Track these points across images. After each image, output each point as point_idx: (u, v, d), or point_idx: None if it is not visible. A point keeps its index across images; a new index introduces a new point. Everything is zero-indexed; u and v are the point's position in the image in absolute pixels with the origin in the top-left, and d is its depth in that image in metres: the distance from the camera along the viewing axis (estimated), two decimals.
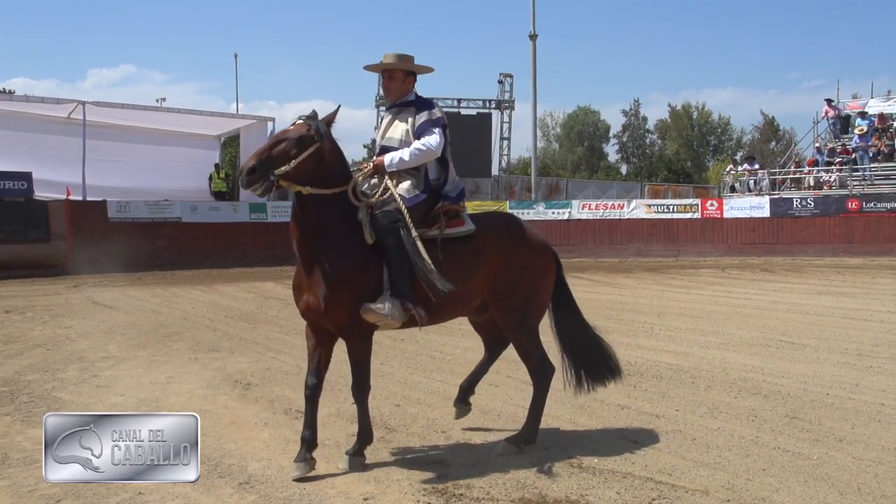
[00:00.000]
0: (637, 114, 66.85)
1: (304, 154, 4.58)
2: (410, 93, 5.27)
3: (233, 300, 14.39)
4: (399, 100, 5.26)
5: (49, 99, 23.91)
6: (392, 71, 5.21)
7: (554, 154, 67.18)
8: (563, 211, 27.24)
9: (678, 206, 27.10)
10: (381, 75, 5.31)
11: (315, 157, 4.65)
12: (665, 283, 17.38)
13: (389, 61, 5.18)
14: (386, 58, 5.21)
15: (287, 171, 4.52)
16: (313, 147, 4.64)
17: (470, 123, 31.21)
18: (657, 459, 4.77)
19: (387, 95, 5.36)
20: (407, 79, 5.23)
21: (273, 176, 4.50)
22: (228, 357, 8.38)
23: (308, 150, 4.61)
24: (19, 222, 19.84)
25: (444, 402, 6.25)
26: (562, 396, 6.41)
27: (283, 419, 5.81)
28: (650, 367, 7.56)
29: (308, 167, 4.61)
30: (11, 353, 8.77)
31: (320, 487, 4.35)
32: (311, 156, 4.62)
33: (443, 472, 4.58)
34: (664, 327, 10.22)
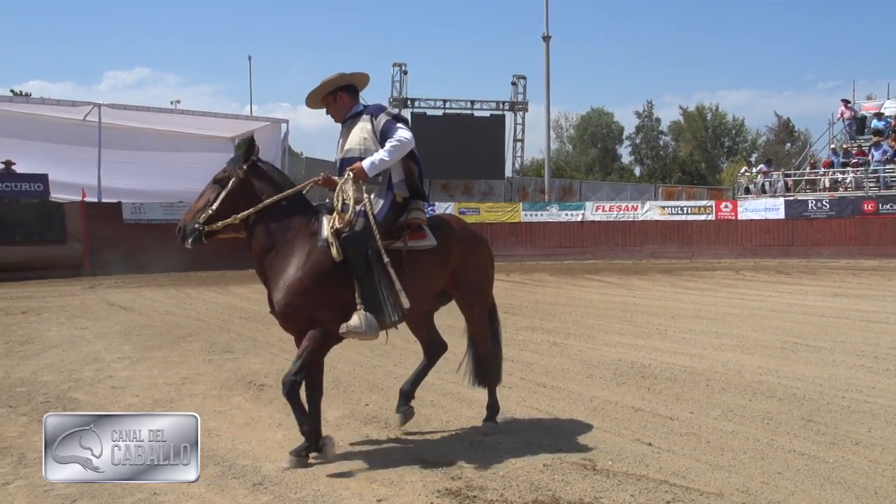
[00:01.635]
0: (651, 115, 66.77)
1: (222, 194, 5.04)
2: (357, 105, 5.39)
3: (247, 301, 14.43)
4: (348, 114, 5.38)
5: (65, 101, 24.07)
6: (335, 95, 5.34)
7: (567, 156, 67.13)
8: (577, 213, 27.19)
9: (692, 208, 27.02)
10: (326, 107, 5.44)
11: (237, 191, 5.06)
12: (679, 285, 17.32)
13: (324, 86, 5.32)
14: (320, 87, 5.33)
15: (210, 215, 5.02)
16: (230, 184, 5.07)
17: (483, 125, 31.26)
18: (672, 462, 4.75)
19: (337, 118, 5.46)
20: (351, 95, 5.38)
21: (199, 225, 5.02)
22: (242, 358, 8.41)
23: (226, 189, 5.05)
24: (35, 224, 19.97)
25: (457, 403, 6.26)
26: (575, 398, 6.42)
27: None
28: (664, 370, 7.54)
29: (232, 202, 5.04)
30: (28, 353, 8.82)
31: (334, 489, 4.36)
32: (231, 192, 5.05)
33: (456, 473, 4.58)
34: (678, 329, 10.19)
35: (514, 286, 17.58)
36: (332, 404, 6.26)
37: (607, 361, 7.99)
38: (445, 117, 31.16)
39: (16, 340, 9.71)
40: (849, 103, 28.95)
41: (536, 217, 27.11)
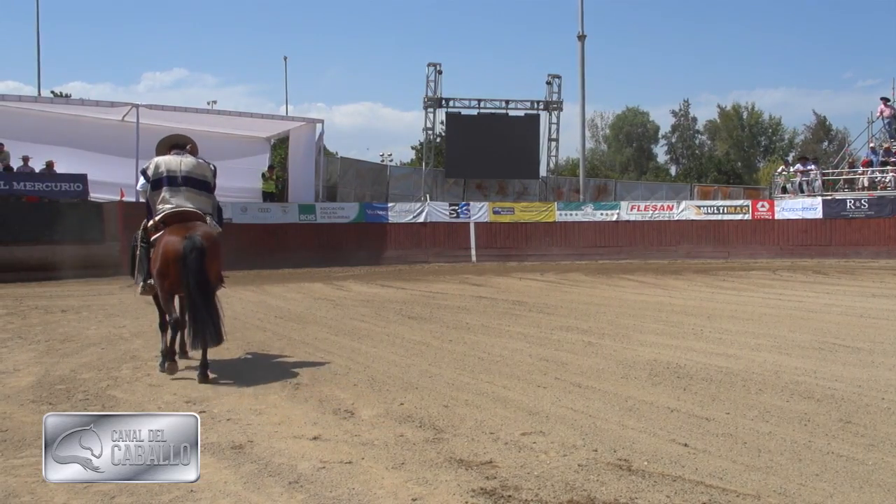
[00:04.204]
0: (686, 114, 66.24)
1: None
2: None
3: (282, 300, 14.55)
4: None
5: (104, 102, 24.40)
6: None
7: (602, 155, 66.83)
8: (612, 212, 27.08)
9: (728, 208, 26.79)
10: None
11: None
12: (715, 284, 17.17)
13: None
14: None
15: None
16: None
17: (518, 125, 31.21)
18: (708, 463, 4.72)
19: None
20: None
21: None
22: (278, 357, 8.47)
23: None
24: (75, 223, 20.23)
25: (492, 403, 6.26)
26: (610, 398, 6.39)
27: (332, 419, 5.85)
28: (700, 370, 7.48)
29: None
30: (67, 351, 8.96)
31: (369, 487, 4.38)
32: None
33: (491, 473, 4.58)
34: (714, 329, 10.10)
35: (548, 286, 17.55)
36: (367, 403, 6.30)
37: (643, 361, 7.95)
38: (480, 117, 31.13)
39: (56, 338, 9.86)
40: (888, 101, 28.49)
41: (571, 217, 27.03)
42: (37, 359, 8.49)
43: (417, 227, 26.28)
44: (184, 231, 7.34)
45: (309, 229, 24.93)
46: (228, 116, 26.64)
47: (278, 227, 24.45)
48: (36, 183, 21.18)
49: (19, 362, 8.29)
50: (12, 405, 6.40)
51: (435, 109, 31.31)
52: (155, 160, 7.75)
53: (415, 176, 32.65)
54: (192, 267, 7.14)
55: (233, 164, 27.10)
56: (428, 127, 31.98)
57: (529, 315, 11.95)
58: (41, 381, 7.32)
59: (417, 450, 5.00)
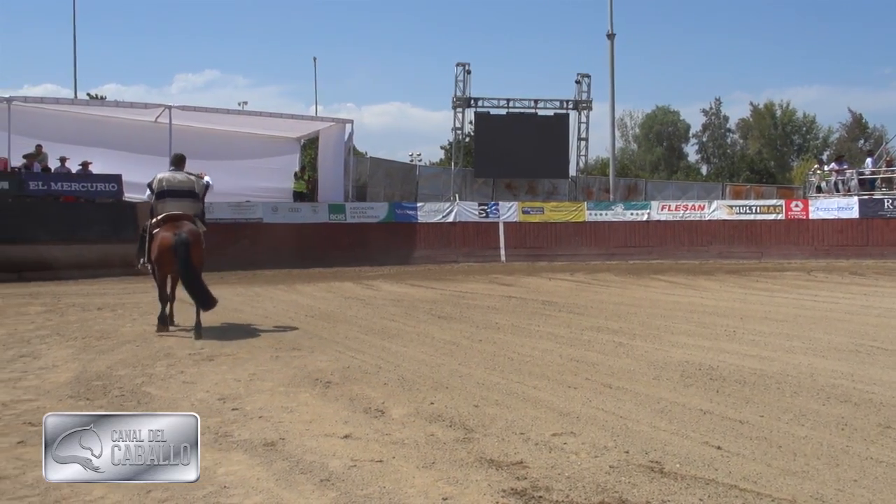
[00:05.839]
0: (718, 113, 65.60)
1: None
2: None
3: (312, 299, 14.61)
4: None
5: (137, 104, 24.71)
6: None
7: (632, 154, 66.38)
8: (642, 212, 26.90)
9: (761, 207, 26.51)
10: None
11: None
12: (748, 285, 17.00)
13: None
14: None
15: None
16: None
17: (547, 124, 31.10)
18: (742, 466, 4.66)
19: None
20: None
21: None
22: (309, 356, 8.50)
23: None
24: (110, 223, 20.49)
25: (522, 403, 6.23)
26: (642, 400, 6.34)
27: (362, 418, 5.85)
28: (733, 372, 7.40)
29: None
30: (104, 348, 9.06)
31: (399, 486, 4.37)
32: None
33: (522, 473, 4.56)
34: (747, 331, 9.99)
35: (578, 286, 17.47)
36: (398, 402, 6.30)
37: (674, 363, 7.88)
38: (509, 116, 31.07)
39: (92, 335, 9.99)
40: None
41: (601, 216, 26.89)
42: (74, 355, 8.60)
43: (447, 227, 26.27)
44: (174, 229, 9.84)
45: (339, 229, 25.02)
46: (259, 117, 26.84)
47: (308, 227, 24.55)
48: (72, 183, 21.50)
49: (58, 358, 8.41)
50: (51, 400, 6.49)
51: (464, 109, 31.26)
52: (157, 176, 10.40)
53: (444, 176, 32.65)
54: (180, 255, 9.63)
55: (263, 164, 27.36)
56: (457, 127, 31.98)
57: (559, 315, 11.90)
58: (79, 377, 7.41)
59: (448, 449, 4.99)
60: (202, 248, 10.24)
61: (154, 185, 10.33)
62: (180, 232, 9.74)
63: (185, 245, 9.64)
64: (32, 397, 6.63)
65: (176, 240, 9.66)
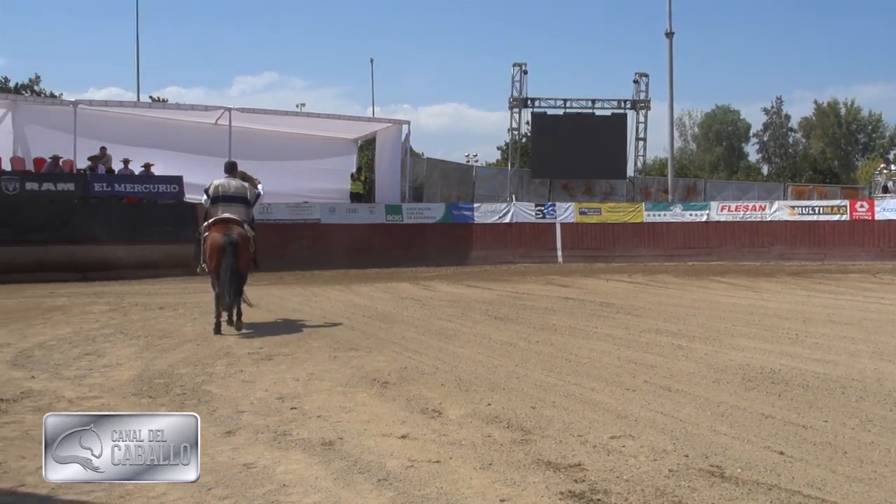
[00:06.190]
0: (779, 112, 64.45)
1: None
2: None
3: (369, 300, 14.71)
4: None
5: (198, 106, 25.14)
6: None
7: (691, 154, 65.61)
8: (702, 213, 26.57)
9: (824, 208, 25.98)
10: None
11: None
12: (810, 287, 16.66)
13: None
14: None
15: None
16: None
17: (604, 124, 30.84)
18: (805, 472, 4.56)
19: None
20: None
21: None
22: (366, 356, 8.56)
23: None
24: (171, 224, 20.86)
25: (580, 405, 6.20)
26: (701, 403, 6.25)
27: (420, 418, 5.88)
28: (796, 376, 7.26)
29: None
30: (166, 347, 9.25)
31: (457, 487, 4.38)
32: None
33: (580, 476, 4.53)
34: (810, 334, 9.79)
35: (636, 287, 17.30)
36: (455, 403, 6.31)
37: (735, 366, 7.76)
38: (566, 117, 30.88)
39: (154, 334, 10.19)
40: None
41: (659, 217, 26.62)
42: (137, 353, 8.79)
43: (503, 228, 26.25)
44: (225, 231, 10.45)
45: (395, 229, 25.16)
46: (317, 119, 27.11)
47: (365, 228, 24.73)
48: (135, 184, 21.97)
49: (121, 357, 8.60)
50: (116, 398, 6.64)
51: (520, 110, 31.16)
52: (213, 183, 11.08)
53: (500, 176, 32.60)
54: (228, 254, 10.27)
55: (321, 166, 27.62)
56: (513, 127, 31.92)
57: (617, 317, 11.80)
58: (141, 375, 7.57)
59: (505, 451, 4.98)
60: (249, 250, 10.88)
61: (210, 191, 10.99)
62: (230, 234, 10.41)
63: (233, 246, 10.30)
64: (97, 394, 6.79)
65: (225, 240, 10.30)
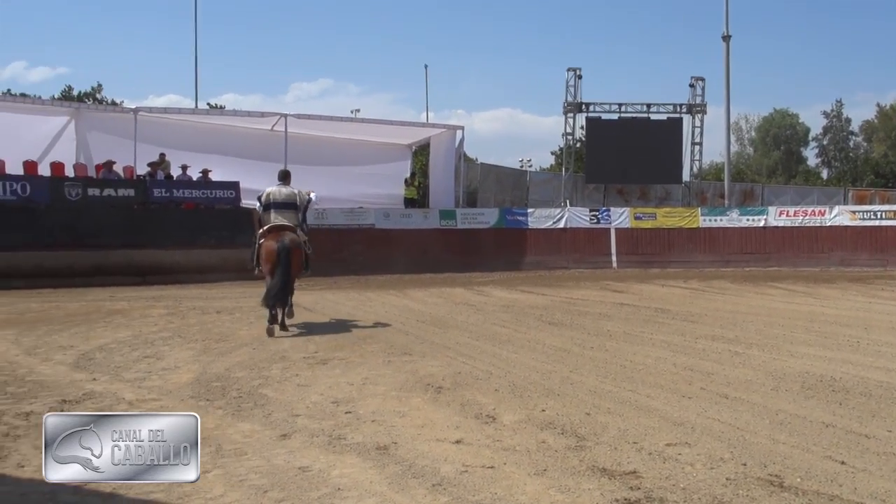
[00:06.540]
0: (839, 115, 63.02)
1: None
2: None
3: (424, 305, 14.76)
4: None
5: (254, 113, 25.41)
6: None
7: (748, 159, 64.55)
8: (759, 218, 26.14)
9: (887, 213, 25.38)
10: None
11: None
12: (872, 294, 16.29)
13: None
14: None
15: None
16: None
17: (660, 129, 30.51)
18: (868, 483, 4.47)
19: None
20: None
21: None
22: (420, 360, 8.60)
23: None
24: (228, 228, 21.10)
25: (635, 412, 6.15)
26: (760, 411, 6.16)
27: (473, 423, 5.89)
28: (857, 384, 7.11)
29: None
30: (222, 350, 9.39)
31: (511, 493, 4.39)
32: None
33: (635, 483, 4.50)
34: (872, 342, 9.58)
35: (692, 293, 17.09)
36: (509, 408, 6.31)
37: (794, 373, 7.63)
38: (621, 121, 30.65)
39: (211, 338, 10.35)
40: None
41: (716, 222, 26.25)
42: (195, 357, 8.94)
43: (557, 233, 26.12)
44: (278, 237, 11.05)
45: (449, 234, 25.18)
46: (371, 124, 27.24)
47: (420, 232, 24.80)
48: (193, 190, 22.32)
49: (179, 360, 8.75)
50: (174, 400, 6.77)
51: (575, 114, 31.01)
52: (266, 191, 11.69)
53: (554, 181, 32.46)
54: (282, 259, 10.85)
55: (375, 171, 27.77)
56: (568, 132, 31.75)
57: (673, 323, 11.68)
58: (199, 378, 7.70)
59: (559, 457, 4.97)
60: (301, 254, 11.48)
61: (262, 199, 11.62)
62: (283, 239, 10.99)
63: (286, 251, 10.92)
64: (156, 397, 6.93)
65: (279, 246, 10.91)
